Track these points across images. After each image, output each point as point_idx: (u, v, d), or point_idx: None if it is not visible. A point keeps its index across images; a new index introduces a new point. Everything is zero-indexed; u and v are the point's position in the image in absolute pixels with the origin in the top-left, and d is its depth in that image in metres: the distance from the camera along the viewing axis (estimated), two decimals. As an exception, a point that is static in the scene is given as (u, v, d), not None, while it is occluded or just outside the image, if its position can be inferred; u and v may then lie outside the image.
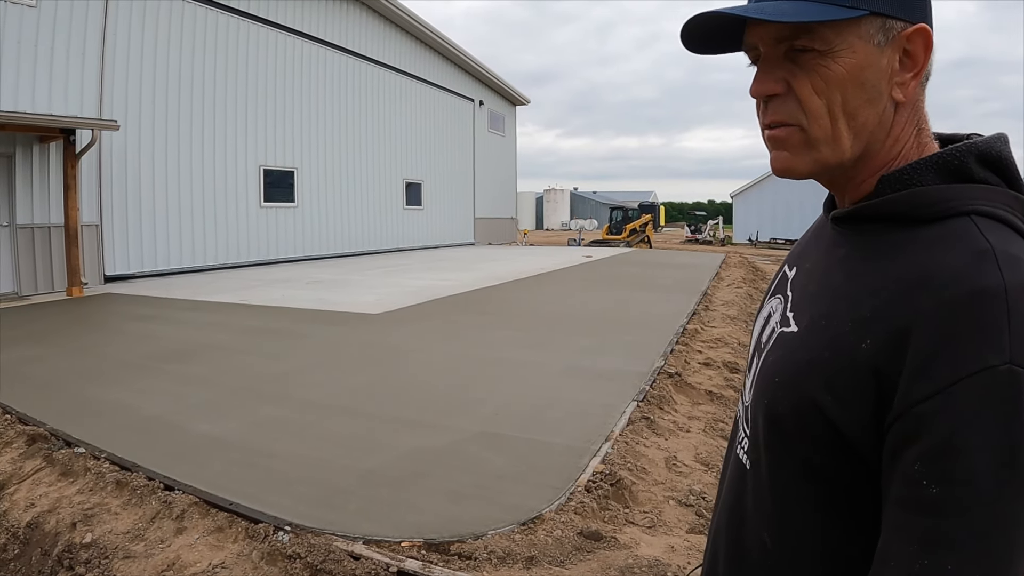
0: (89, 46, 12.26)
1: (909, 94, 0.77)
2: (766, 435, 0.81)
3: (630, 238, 32.96)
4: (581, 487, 3.65)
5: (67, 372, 6.08)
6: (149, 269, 13.87)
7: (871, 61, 0.75)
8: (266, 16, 16.92)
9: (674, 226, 65.68)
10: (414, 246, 24.22)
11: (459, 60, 27.02)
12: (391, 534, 3.13)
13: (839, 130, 0.77)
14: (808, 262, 0.90)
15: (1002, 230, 0.70)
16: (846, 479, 0.73)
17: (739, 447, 0.93)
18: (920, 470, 0.62)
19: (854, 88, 0.75)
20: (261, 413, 4.89)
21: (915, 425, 0.63)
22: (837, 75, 0.75)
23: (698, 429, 4.93)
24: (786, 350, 0.82)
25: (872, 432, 0.68)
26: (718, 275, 15.92)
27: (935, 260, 0.68)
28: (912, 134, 0.79)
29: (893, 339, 0.67)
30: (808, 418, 0.74)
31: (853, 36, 0.74)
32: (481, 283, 12.98)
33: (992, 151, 0.76)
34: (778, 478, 0.80)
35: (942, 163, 0.75)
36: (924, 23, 0.75)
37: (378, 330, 8.11)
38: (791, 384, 0.77)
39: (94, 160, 12.43)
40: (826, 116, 0.76)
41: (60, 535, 3.22)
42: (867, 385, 0.68)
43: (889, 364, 0.67)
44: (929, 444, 0.62)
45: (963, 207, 0.72)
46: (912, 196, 0.75)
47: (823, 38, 0.75)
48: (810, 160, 0.79)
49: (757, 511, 0.84)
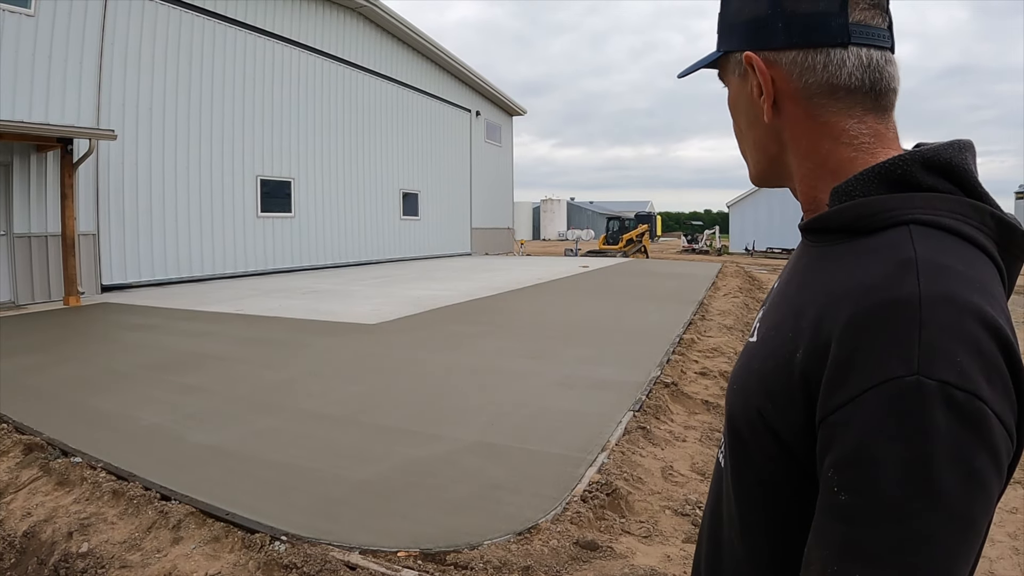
0: (87, 55, 12.30)
1: (768, 114, 0.82)
2: (729, 441, 0.85)
3: (627, 248, 33.01)
4: (577, 497, 3.65)
5: (64, 381, 6.08)
6: (146, 279, 13.87)
7: (740, 91, 0.87)
8: (263, 26, 17.00)
9: (670, 236, 65.77)
10: (411, 256, 24.23)
11: (456, 71, 27.14)
12: (387, 544, 3.13)
13: (744, 148, 0.92)
14: (785, 274, 0.92)
15: (940, 237, 0.69)
16: (792, 484, 0.74)
17: (720, 451, 0.96)
18: (832, 477, 0.63)
19: (739, 114, 0.90)
20: (258, 423, 4.89)
21: (831, 432, 0.64)
22: (731, 104, 0.91)
23: (694, 439, 4.94)
24: (744, 359, 0.85)
25: (807, 438, 0.70)
26: (714, 285, 15.95)
27: (861, 270, 0.69)
28: (830, 147, 0.80)
29: (819, 348, 0.68)
30: (756, 425, 0.77)
31: (728, 74, 0.90)
32: (478, 293, 13.00)
33: (940, 158, 0.74)
34: (738, 481, 0.83)
35: (885, 172, 0.75)
36: (756, 48, 0.82)
37: (375, 340, 8.12)
38: (743, 392, 0.81)
39: (91, 169, 12.45)
40: (738, 136, 0.93)
41: (56, 544, 3.22)
42: (798, 392, 0.70)
43: (814, 372, 0.68)
44: (840, 452, 0.63)
45: (903, 216, 0.71)
46: (855, 207, 0.75)
47: (724, 79, 0.92)
48: (749, 171, 0.94)
49: (727, 513, 0.87)
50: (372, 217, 22.05)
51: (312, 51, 18.94)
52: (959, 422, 0.60)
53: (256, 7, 16.75)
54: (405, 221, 24.12)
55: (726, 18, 0.88)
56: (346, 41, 20.56)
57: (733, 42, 0.86)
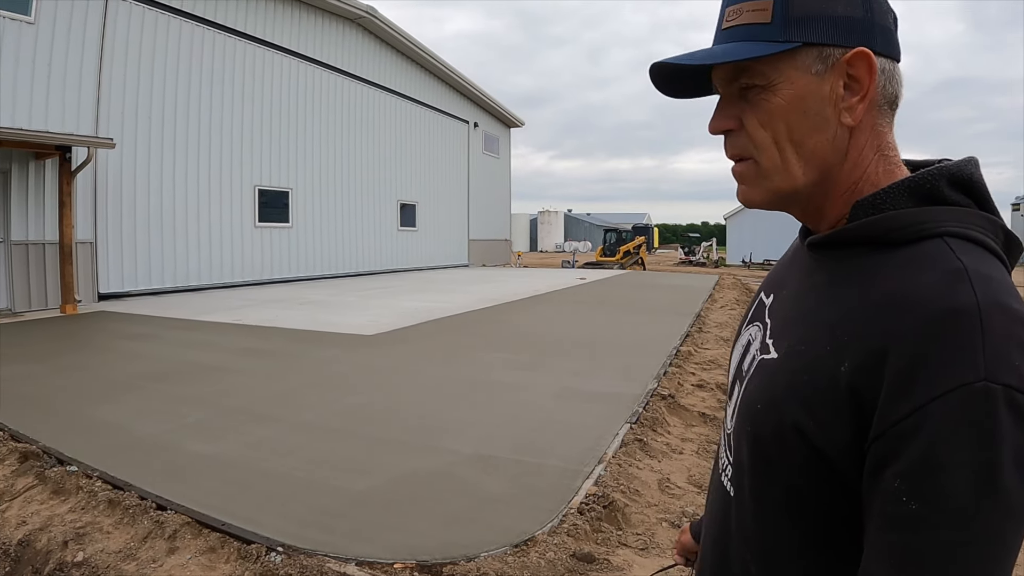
0: (86, 64, 12.34)
1: (857, 117, 0.78)
2: (750, 461, 0.82)
3: (624, 260, 33.08)
4: (574, 509, 3.65)
5: (60, 390, 6.07)
6: (143, 287, 13.87)
7: (811, 90, 0.78)
8: (263, 36, 17.08)
9: (668, 248, 65.89)
10: (408, 267, 24.25)
11: (454, 82, 27.25)
12: (384, 556, 3.13)
13: (787, 159, 0.80)
14: (785, 289, 0.91)
15: (974, 250, 0.72)
16: (828, 502, 0.74)
17: (723, 474, 0.94)
18: (900, 487, 0.64)
19: (797, 117, 0.78)
20: (254, 433, 4.88)
21: (895, 444, 0.64)
22: (777, 107, 0.79)
23: (691, 451, 4.95)
24: (766, 376, 0.83)
25: (853, 454, 0.69)
26: (712, 297, 15.98)
27: (909, 281, 0.70)
28: (873, 159, 0.80)
29: (870, 360, 0.68)
30: (790, 442, 0.75)
31: (790, 68, 0.78)
32: (475, 305, 13.01)
33: (963, 173, 0.77)
34: (762, 503, 0.81)
35: (915, 187, 0.77)
36: (865, 47, 0.76)
37: (372, 352, 8.12)
38: (772, 409, 0.78)
39: (89, 178, 12.47)
40: (772, 147, 0.80)
41: (52, 553, 3.21)
42: (846, 407, 0.69)
43: (867, 385, 0.68)
44: (908, 462, 0.63)
45: (936, 229, 0.73)
46: (886, 220, 0.76)
47: (761, 74, 0.79)
48: (764, 190, 0.83)
49: (741, 537, 0.85)
50: (370, 228, 22.09)
51: (312, 62, 19.02)
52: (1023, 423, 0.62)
53: (256, 18, 16.84)
54: (403, 232, 24.16)
55: (800, 7, 0.77)
56: (346, 52, 20.66)
57: (818, 35, 0.77)
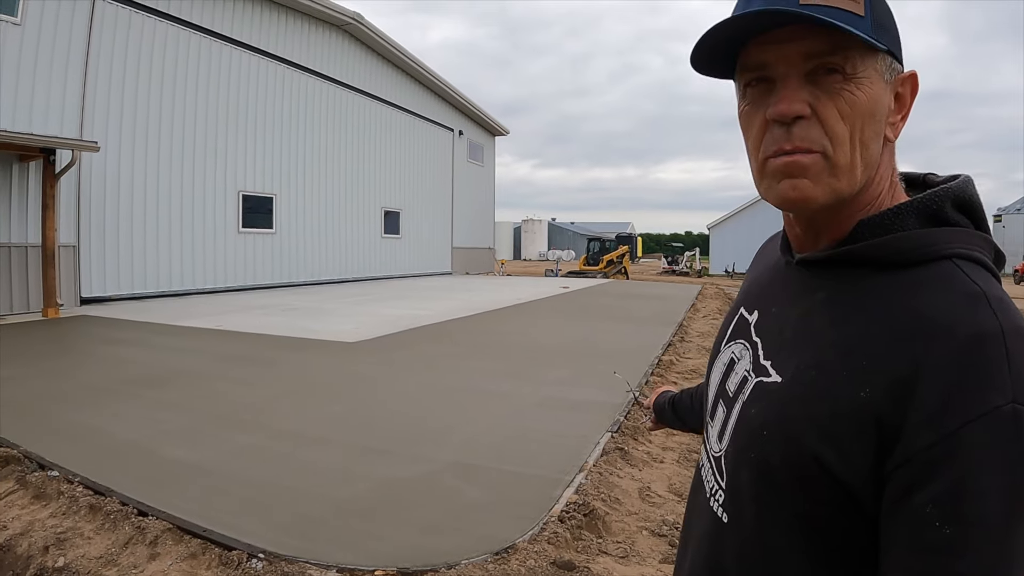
0: (72, 66, 12.28)
1: (898, 134, 0.79)
2: (755, 488, 0.80)
3: (607, 269, 33.19)
4: (555, 517, 3.69)
5: (41, 394, 6.03)
6: (126, 292, 13.78)
7: (881, 95, 0.76)
8: (249, 42, 17.06)
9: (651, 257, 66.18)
10: (392, 275, 24.23)
11: (439, 90, 27.33)
12: (364, 563, 3.15)
13: (856, 160, 0.75)
14: (774, 306, 0.89)
15: (982, 271, 0.73)
16: (841, 529, 0.72)
17: (712, 500, 0.90)
18: (932, 512, 0.63)
19: (869, 119, 0.75)
20: (236, 440, 4.88)
21: (925, 469, 0.64)
22: (861, 102, 0.74)
23: (672, 460, 5.00)
24: (771, 401, 0.80)
25: (872, 481, 0.69)
26: (694, 306, 16.10)
27: (928, 305, 0.70)
28: (889, 178, 0.81)
29: (894, 386, 0.67)
30: (804, 470, 0.73)
31: (872, 68, 0.75)
32: (458, 313, 13.03)
33: (965, 195, 0.79)
34: (768, 530, 0.79)
35: (922, 208, 0.77)
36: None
37: (354, 359, 8.12)
38: (782, 437, 0.76)
39: (73, 181, 12.40)
40: (848, 143, 0.74)
41: (32, 559, 3.20)
42: (868, 434, 0.68)
43: (891, 411, 0.67)
44: (941, 486, 0.63)
45: (944, 251, 0.74)
46: (896, 241, 0.76)
47: (854, 62, 0.74)
48: (829, 190, 0.76)
49: (741, 565, 0.83)
50: (353, 234, 22.07)
51: (297, 68, 19.02)
52: None
53: (243, 23, 16.83)
54: (386, 239, 24.15)
55: (882, 14, 0.76)
56: (332, 59, 20.68)
57: (895, 45, 0.78)
